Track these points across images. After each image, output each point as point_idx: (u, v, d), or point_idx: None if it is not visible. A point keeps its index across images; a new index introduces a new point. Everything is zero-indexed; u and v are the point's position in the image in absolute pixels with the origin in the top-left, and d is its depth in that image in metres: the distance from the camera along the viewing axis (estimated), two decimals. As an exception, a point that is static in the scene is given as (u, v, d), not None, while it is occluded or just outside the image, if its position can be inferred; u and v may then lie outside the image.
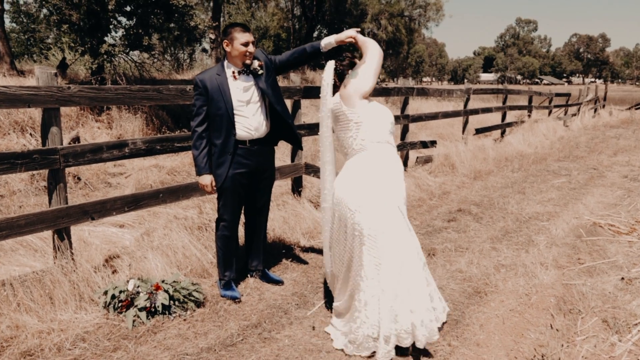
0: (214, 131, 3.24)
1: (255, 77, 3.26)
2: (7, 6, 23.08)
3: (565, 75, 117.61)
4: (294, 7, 28.63)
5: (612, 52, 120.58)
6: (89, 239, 4.11)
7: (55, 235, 3.27)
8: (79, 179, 6.40)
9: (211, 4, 19.48)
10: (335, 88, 3.00)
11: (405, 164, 7.34)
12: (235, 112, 3.21)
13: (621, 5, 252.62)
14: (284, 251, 4.20)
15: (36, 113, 7.73)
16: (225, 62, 3.26)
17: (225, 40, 3.20)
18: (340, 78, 2.99)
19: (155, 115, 9.42)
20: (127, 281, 3.17)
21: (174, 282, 3.25)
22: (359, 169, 2.75)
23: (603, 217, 5.28)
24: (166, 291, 3.13)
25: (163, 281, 3.22)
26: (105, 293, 3.12)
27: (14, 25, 24.91)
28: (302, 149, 4.16)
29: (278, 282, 3.63)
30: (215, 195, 3.43)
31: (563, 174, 7.80)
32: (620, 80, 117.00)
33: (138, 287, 3.13)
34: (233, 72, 3.21)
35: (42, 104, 3.07)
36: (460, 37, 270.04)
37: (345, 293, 2.83)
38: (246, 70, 3.24)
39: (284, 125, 3.42)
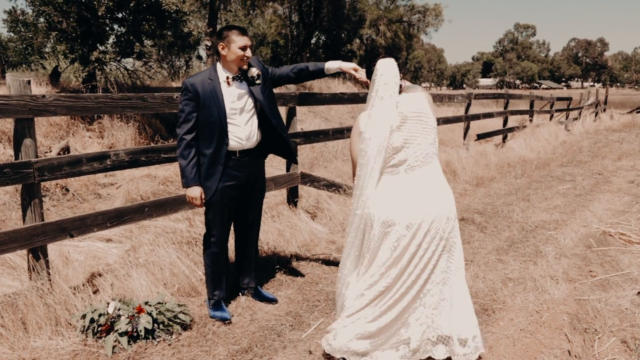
0: (203, 140, 3.02)
1: (250, 85, 3.05)
2: (4, 15, 22.98)
3: (564, 79, 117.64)
4: (291, 14, 28.50)
5: (610, 56, 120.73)
6: (72, 255, 3.87)
7: (30, 255, 3.05)
8: (67, 190, 6.17)
9: (208, 10, 19.31)
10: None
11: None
12: (227, 120, 3.00)
13: (619, 10, 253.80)
14: (279, 266, 3.97)
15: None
16: (219, 66, 3.04)
17: (222, 43, 2.97)
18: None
19: (148, 123, 9.18)
20: (108, 303, 2.94)
21: (159, 303, 3.02)
22: (441, 179, 2.67)
23: (612, 226, 5.05)
24: (149, 314, 2.90)
25: (147, 302, 2.99)
26: (84, 317, 2.89)
27: (12, 34, 24.77)
28: (296, 163, 3.94)
29: (271, 301, 3.40)
30: (204, 209, 3.20)
31: (567, 179, 7.58)
32: (619, 84, 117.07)
33: (119, 309, 2.90)
34: (227, 78, 3.00)
35: (14, 114, 2.85)
36: (458, 43, 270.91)
37: (395, 308, 2.52)
38: (241, 76, 3.03)
39: (278, 138, 3.24)
